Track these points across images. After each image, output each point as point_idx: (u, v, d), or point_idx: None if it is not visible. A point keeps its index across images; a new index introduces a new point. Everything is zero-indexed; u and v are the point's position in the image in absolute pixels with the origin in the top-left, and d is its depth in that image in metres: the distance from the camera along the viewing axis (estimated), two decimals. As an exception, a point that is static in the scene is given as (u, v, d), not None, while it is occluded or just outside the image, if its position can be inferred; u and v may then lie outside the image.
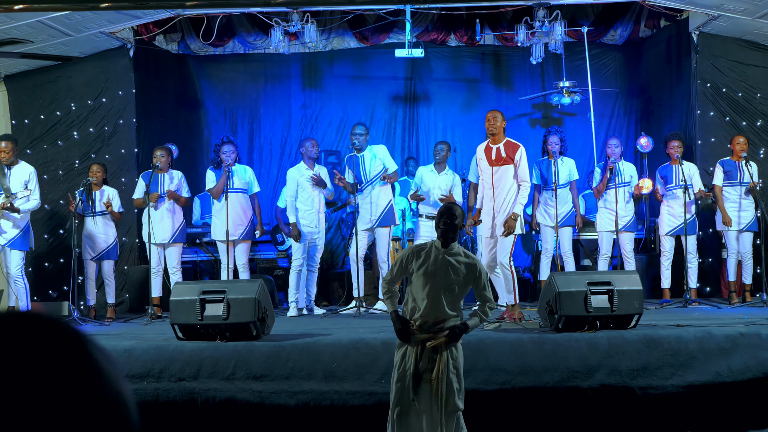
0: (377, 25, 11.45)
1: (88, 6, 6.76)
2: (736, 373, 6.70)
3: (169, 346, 6.93)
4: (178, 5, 8.15)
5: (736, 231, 9.55)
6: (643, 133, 11.46)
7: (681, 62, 11.19)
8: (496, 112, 8.23)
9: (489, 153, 8.09)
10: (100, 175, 9.47)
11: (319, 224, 9.50)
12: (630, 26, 11.75)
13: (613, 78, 12.58)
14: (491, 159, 8.04)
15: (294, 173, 9.53)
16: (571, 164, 9.93)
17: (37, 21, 8.67)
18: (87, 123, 10.75)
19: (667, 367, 6.69)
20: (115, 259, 9.66)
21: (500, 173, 8.00)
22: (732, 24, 10.10)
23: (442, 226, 5.09)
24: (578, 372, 6.65)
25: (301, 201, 9.47)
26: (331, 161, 11.70)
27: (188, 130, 12.40)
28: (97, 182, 9.44)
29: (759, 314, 8.27)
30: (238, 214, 9.41)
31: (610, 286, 7.10)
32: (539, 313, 7.63)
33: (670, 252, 9.82)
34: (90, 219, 9.40)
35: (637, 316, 7.15)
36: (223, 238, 9.25)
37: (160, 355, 6.79)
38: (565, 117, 12.61)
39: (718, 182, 9.68)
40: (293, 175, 9.52)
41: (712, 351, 6.77)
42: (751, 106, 10.57)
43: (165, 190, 9.46)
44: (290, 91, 12.81)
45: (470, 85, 12.81)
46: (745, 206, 9.50)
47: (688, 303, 9.31)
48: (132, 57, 10.81)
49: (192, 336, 7.13)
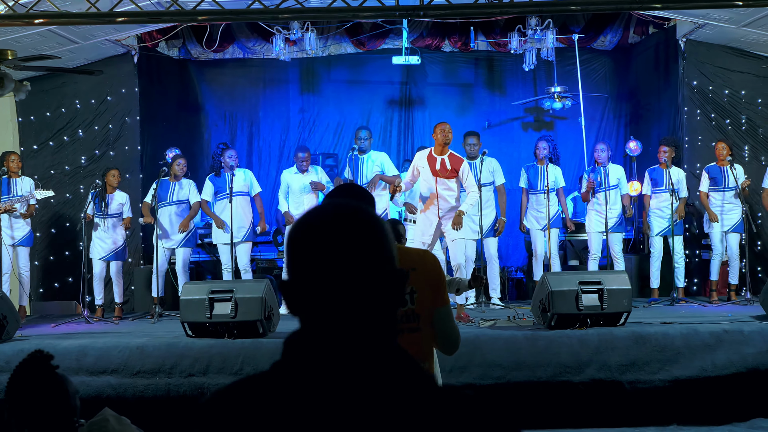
0: (374, 33, 11.76)
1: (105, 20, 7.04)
2: (720, 368, 7.02)
3: (179, 343, 7.22)
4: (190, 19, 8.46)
5: (720, 232, 9.88)
6: (632, 137, 11.80)
7: (669, 68, 11.53)
8: (447, 124, 8.63)
9: (433, 163, 8.42)
10: (117, 179, 9.78)
11: None
12: (619, 32, 12.05)
13: (603, 83, 12.89)
14: (435, 169, 8.41)
15: (285, 175, 10.03)
16: (558, 172, 10.20)
17: (47, 30, 8.97)
18: (93, 123, 11.04)
19: (655, 362, 7.01)
20: (123, 260, 9.96)
21: (444, 185, 8.42)
22: (717, 32, 10.45)
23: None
24: (570, 367, 6.95)
25: (293, 206, 9.79)
26: (328, 164, 11.98)
27: (189, 134, 12.68)
28: (113, 186, 9.75)
29: (743, 312, 8.57)
30: (240, 216, 9.74)
31: (600, 285, 7.42)
32: (532, 311, 7.94)
33: (659, 252, 10.14)
34: (101, 221, 9.69)
35: (626, 313, 7.47)
36: (224, 241, 9.62)
37: (171, 351, 7.09)
38: (556, 121, 12.92)
39: (704, 189, 10.01)
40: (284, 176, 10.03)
41: (697, 347, 7.09)
42: (736, 110, 10.92)
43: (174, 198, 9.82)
44: (288, 95, 13.08)
45: (464, 89, 13.10)
46: (729, 209, 9.82)
47: (675, 301, 9.63)
48: (136, 63, 11.13)
49: (201, 333, 7.43)
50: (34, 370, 2.89)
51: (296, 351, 1.39)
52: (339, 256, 1.37)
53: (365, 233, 1.41)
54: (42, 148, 11.02)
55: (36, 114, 11.01)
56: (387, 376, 1.37)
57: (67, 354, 6.98)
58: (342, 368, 1.36)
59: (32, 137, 11.03)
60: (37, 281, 10.88)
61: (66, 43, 9.80)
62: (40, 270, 10.89)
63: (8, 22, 7.15)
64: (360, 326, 1.38)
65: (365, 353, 1.37)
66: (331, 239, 1.38)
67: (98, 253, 9.71)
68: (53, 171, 10.96)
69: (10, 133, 10.95)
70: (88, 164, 11.00)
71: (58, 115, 11.05)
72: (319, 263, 1.38)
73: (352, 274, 1.37)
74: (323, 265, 1.38)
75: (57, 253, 10.97)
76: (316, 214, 1.43)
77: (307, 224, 1.42)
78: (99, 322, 9.28)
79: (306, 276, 1.39)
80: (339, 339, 1.38)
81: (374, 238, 1.41)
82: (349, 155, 10.07)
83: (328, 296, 1.37)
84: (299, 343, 1.40)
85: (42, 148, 11.02)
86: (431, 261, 3.40)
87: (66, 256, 10.92)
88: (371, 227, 1.42)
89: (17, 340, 7.74)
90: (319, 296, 1.38)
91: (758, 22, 9.69)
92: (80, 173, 11.01)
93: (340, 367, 1.36)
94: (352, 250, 1.38)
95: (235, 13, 6.95)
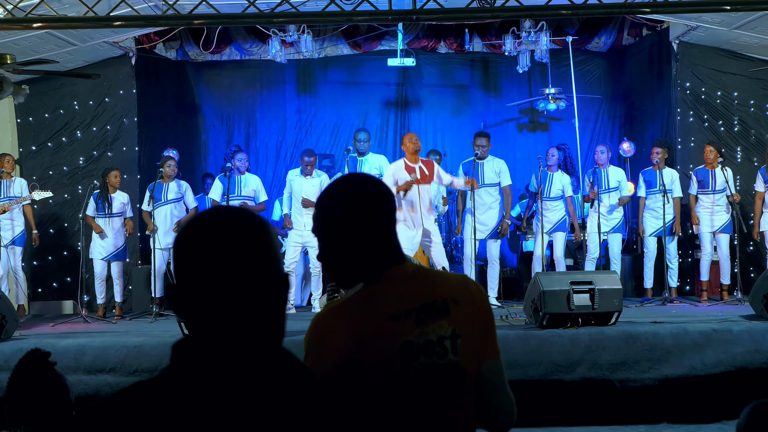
0: (370, 35, 11.85)
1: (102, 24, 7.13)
2: (709, 367, 7.10)
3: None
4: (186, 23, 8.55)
5: (709, 233, 9.99)
6: (625, 138, 11.91)
7: (662, 69, 11.64)
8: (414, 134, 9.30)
9: (411, 172, 8.90)
10: (118, 180, 9.94)
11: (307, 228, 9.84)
12: (614, 34, 12.15)
13: (597, 84, 12.99)
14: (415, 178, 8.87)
15: (290, 176, 9.99)
16: (566, 180, 10.30)
17: (46, 32, 9.06)
18: (91, 125, 11.13)
19: (645, 361, 7.09)
20: (124, 260, 10.07)
21: (425, 190, 8.97)
22: (710, 34, 10.56)
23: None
24: (561, 366, 7.04)
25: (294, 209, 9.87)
26: (325, 165, 12.07)
27: (187, 135, 12.77)
28: (115, 187, 9.89)
29: (734, 312, 8.66)
30: None
31: (591, 285, 7.50)
32: (525, 310, 8.02)
33: (652, 252, 10.24)
34: (102, 221, 9.80)
35: (617, 313, 7.56)
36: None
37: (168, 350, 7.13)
38: (551, 122, 13.02)
39: (692, 191, 10.15)
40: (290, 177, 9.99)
41: (687, 346, 7.17)
42: (728, 111, 11.02)
43: (168, 198, 9.95)
44: (285, 96, 13.17)
45: (460, 90, 13.20)
46: (718, 210, 9.94)
47: (667, 301, 9.74)
48: (134, 65, 11.23)
49: (198, 333, 7.50)
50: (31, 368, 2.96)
51: (184, 356, 1.42)
52: (222, 260, 1.40)
53: (248, 237, 1.43)
54: (40, 149, 11.11)
55: (34, 115, 11.10)
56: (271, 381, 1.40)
57: (66, 353, 7.05)
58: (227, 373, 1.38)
59: (31, 138, 11.13)
60: (35, 281, 10.98)
61: (64, 45, 9.90)
62: (39, 270, 10.98)
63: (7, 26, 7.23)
64: (244, 330, 1.41)
65: (250, 358, 1.40)
66: (215, 244, 1.41)
67: (99, 254, 9.82)
68: (51, 172, 11.05)
69: (9, 134, 11.05)
70: (86, 165, 11.09)
71: (56, 116, 11.14)
72: (203, 268, 1.40)
73: (235, 278, 1.40)
74: (207, 269, 1.40)
75: (55, 253, 11.06)
76: (201, 220, 1.46)
77: (192, 229, 1.45)
78: (97, 322, 9.37)
79: (190, 280, 1.42)
80: (224, 343, 1.40)
81: (257, 242, 1.44)
82: (346, 156, 10.14)
83: (212, 301, 1.40)
84: (186, 349, 1.43)
85: (40, 149, 11.11)
86: (478, 291, 2.22)
87: (64, 256, 11.01)
88: (254, 231, 1.44)
89: (16, 339, 7.82)
90: (203, 301, 1.41)
91: (750, 25, 9.79)
92: (78, 174, 11.10)
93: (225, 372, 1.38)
94: (234, 254, 1.40)
95: (230, 18, 7.04)
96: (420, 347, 2.00)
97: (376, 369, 1.95)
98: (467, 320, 2.10)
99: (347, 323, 1.97)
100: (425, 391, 2.00)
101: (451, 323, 2.06)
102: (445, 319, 2.05)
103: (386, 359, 1.96)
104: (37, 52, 9.52)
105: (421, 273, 2.11)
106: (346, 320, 1.98)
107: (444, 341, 2.04)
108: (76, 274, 10.00)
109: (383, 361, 1.96)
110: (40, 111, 11.08)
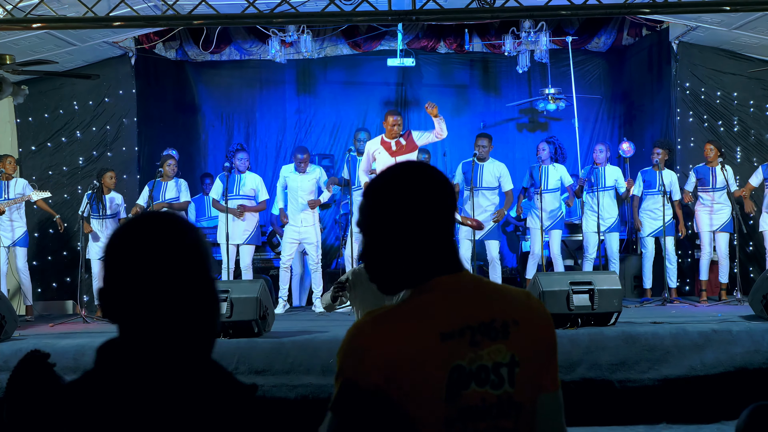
0: (370, 35, 11.85)
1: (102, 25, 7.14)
2: (708, 367, 7.09)
3: (176, 342, 7.28)
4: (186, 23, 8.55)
5: (709, 232, 10.00)
6: (625, 138, 11.91)
7: (662, 69, 11.64)
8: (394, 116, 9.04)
9: (387, 146, 8.84)
10: (113, 181, 9.96)
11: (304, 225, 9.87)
12: (613, 34, 12.15)
13: (597, 84, 12.99)
14: (392, 150, 8.76)
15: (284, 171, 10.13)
16: (563, 171, 10.30)
17: (45, 32, 9.06)
18: (90, 125, 11.13)
19: (644, 361, 7.07)
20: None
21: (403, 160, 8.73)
22: (709, 34, 10.56)
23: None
24: (561, 366, 6.81)
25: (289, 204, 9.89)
26: (324, 164, 12.05)
27: (186, 135, 12.78)
28: (109, 188, 9.91)
29: (733, 312, 8.66)
30: (246, 219, 9.83)
31: (591, 285, 7.51)
32: (525, 311, 8.00)
33: (651, 253, 10.24)
34: (97, 222, 9.80)
35: (616, 313, 7.58)
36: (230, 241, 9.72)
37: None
38: (550, 122, 13.02)
39: (689, 188, 10.16)
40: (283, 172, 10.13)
41: (686, 346, 7.16)
42: (728, 111, 11.03)
43: (166, 197, 9.98)
44: (285, 96, 13.17)
45: (459, 90, 13.19)
46: (719, 209, 9.95)
47: (667, 301, 9.74)
48: (133, 65, 11.23)
49: (197, 333, 7.50)
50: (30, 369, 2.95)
51: (107, 360, 1.43)
52: (148, 263, 1.40)
53: (179, 241, 1.43)
54: (40, 149, 11.11)
55: (34, 115, 11.10)
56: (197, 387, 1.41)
57: (65, 353, 7.04)
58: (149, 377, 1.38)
59: (30, 138, 11.13)
60: (35, 281, 10.97)
61: (63, 45, 9.90)
62: (38, 270, 10.97)
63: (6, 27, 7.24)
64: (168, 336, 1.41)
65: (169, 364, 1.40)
66: (145, 247, 1.41)
67: (97, 254, 9.83)
68: (51, 172, 11.05)
69: (9, 134, 11.05)
70: (86, 165, 11.09)
71: (56, 116, 11.14)
72: (129, 270, 1.41)
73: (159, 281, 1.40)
74: (132, 272, 1.40)
75: (55, 254, 11.06)
76: (132, 224, 1.46)
77: (123, 233, 1.45)
78: (96, 322, 9.36)
79: (116, 283, 1.42)
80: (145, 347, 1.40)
81: (187, 246, 1.43)
82: (346, 156, 10.16)
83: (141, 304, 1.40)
84: (110, 352, 1.43)
85: (40, 149, 11.11)
86: (542, 311, 1.87)
87: (64, 257, 11.01)
88: (185, 235, 1.44)
89: (15, 339, 7.81)
90: (132, 304, 1.41)
91: (749, 25, 9.80)
92: (78, 174, 11.10)
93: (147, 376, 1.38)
94: (159, 258, 1.40)
95: (230, 18, 7.05)
96: (472, 374, 1.70)
97: (418, 395, 1.66)
98: (528, 346, 1.78)
99: (391, 338, 1.67)
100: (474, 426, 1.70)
101: (510, 348, 1.75)
102: (504, 343, 1.75)
103: (433, 385, 1.67)
104: (36, 53, 9.52)
105: (479, 286, 1.80)
106: (389, 334, 1.68)
107: (500, 368, 1.74)
108: (76, 275, 10.00)
109: (430, 387, 1.66)
110: (39, 111, 11.09)
